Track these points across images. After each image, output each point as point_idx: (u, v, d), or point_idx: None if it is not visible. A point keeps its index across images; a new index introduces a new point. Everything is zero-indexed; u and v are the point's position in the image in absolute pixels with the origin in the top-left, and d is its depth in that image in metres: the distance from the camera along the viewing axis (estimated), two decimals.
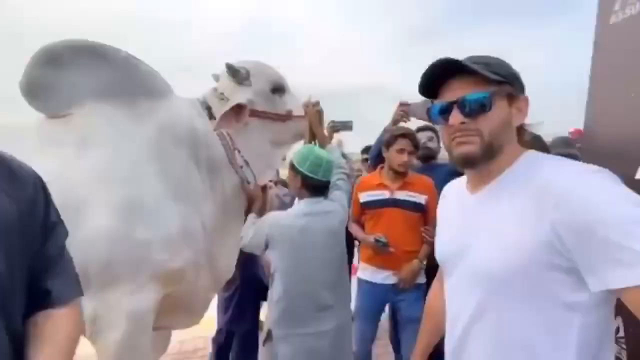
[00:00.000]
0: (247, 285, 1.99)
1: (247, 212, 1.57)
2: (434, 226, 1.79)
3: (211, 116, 1.43)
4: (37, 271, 0.54)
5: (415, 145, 1.71)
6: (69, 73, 1.13)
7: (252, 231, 1.42)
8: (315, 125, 1.61)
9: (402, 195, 1.69)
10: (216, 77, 1.65)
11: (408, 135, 1.69)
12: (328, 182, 1.42)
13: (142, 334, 1.23)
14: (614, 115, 1.05)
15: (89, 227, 1.09)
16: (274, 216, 1.43)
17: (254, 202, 1.58)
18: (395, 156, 1.67)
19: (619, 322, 1.01)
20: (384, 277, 1.70)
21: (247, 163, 1.48)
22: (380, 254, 1.67)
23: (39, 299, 0.54)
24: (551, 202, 0.56)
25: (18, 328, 0.50)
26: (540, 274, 0.59)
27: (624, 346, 0.99)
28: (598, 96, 1.12)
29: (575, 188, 0.55)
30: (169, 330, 1.69)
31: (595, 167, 0.58)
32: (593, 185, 0.55)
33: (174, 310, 1.43)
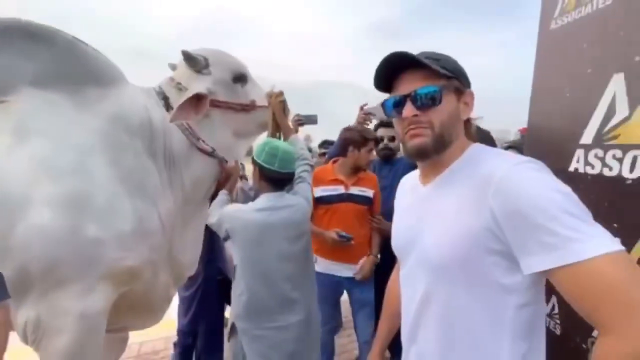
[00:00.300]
0: (210, 281, 1.93)
1: (219, 188, 1.55)
2: (380, 214, 1.85)
3: (168, 107, 1.35)
4: None
5: (377, 144, 1.93)
6: (2, 56, 1.01)
7: (217, 216, 1.39)
8: (279, 116, 1.59)
9: (355, 190, 1.82)
10: (173, 66, 1.56)
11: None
12: (287, 174, 1.39)
13: (92, 338, 1.15)
14: (551, 113, 1.15)
15: (29, 226, 0.99)
16: (234, 209, 1.39)
17: (229, 178, 1.57)
18: (366, 156, 1.80)
19: (554, 300, 1.12)
20: (340, 269, 1.84)
21: (214, 150, 1.43)
22: (337, 248, 1.77)
23: None
24: (491, 190, 0.60)
25: None
26: (480, 259, 0.63)
27: (558, 322, 1.10)
28: (539, 95, 1.22)
29: (510, 177, 0.60)
30: (127, 332, 1.60)
31: (529, 159, 0.63)
32: (525, 175, 0.59)
33: (132, 310, 1.35)
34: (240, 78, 1.52)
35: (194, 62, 1.38)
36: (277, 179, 1.37)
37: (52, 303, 1.07)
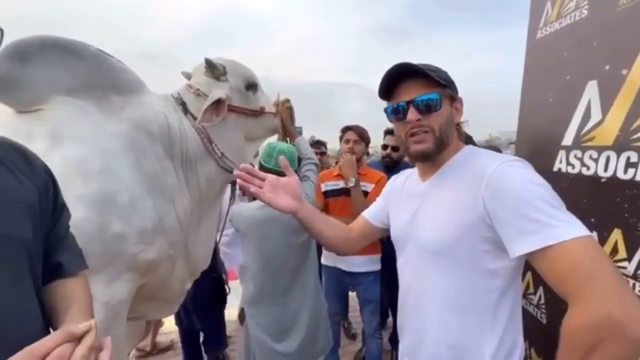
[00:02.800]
0: (204, 279, 2.04)
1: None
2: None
3: (186, 111, 1.47)
4: (49, 247, 0.60)
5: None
6: (38, 68, 1.13)
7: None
8: (286, 121, 1.74)
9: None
10: (187, 75, 1.68)
11: (352, 127, 2.00)
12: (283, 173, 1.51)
13: (116, 324, 1.26)
14: (537, 117, 1.23)
15: None
16: (240, 207, 1.53)
17: None
18: (343, 146, 1.98)
19: (541, 291, 1.20)
20: (342, 262, 1.95)
21: (223, 155, 1.54)
22: None
23: (52, 271, 0.60)
24: (484, 182, 0.69)
25: (41, 293, 0.57)
26: (474, 246, 0.70)
27: (544, 311, 1.18)
28: (527, 100, 1.30)
29: (500, 172, 0.68)
30: (144, 320, 1.72)
31: (516, 158, 0.72)
32: (512, 171, 0.68)
33: (150, 300, 1.47)
34: (252, 86, 1.64)
35: (214, 69, 1.49)
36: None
37: None
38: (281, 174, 1.52)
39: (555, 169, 1.13)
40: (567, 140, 1.08)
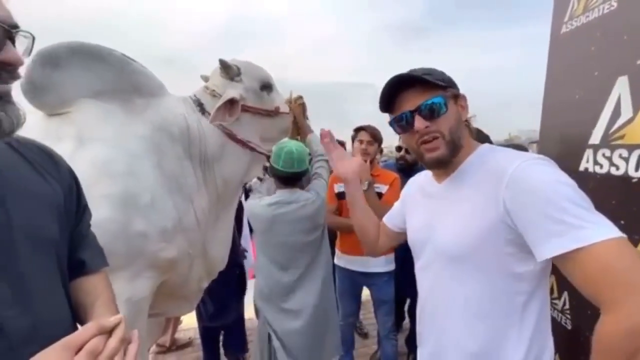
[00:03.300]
0: (229, 274, 2.06)
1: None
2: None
3: (204, 112, 1.50)
4: (72, 246, 0.63)
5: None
6: (67, 73, 1.18)
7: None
8: (299, 118, 1.75)
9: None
10: (205, 78, 1.72)
11: (365, 128, 1.96)
12: (291, 173, 1.51)
13: (138, 320, 1.30)
14: (562, 114, 1.19)
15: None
16: (251, 203, 1.57)
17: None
18: (357, 147, 1.94)
19: (565, 296, 1.15)
20: (356, 263, 1.94)
21: (249, 142, 1.58)
22: (355, 243, 1.86)
23: (75, 268, 0.63)
24: (504, 183, 0.66)
25: (68, 289, 0.59)
26: (496, 249, 0.68)
27: (569, 316, 1.13)
28: (551, 97, 1.25)
29: (521, 171, 0.65)
30: (163, 317, 1.77)
31: (538, 156, 0.69)
32: (535, 169, 0.65)
33: (170, 297, 1.50)
34: (267, 86, 1.66)
35: (229, 70, 1.53)
36: (280, 176, 1.52)
37: None
38: (288, 174, 1.54)
39: (581, 168, 1.09)
40: (595, 138, 1.03)
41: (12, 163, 0.55)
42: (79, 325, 0.59)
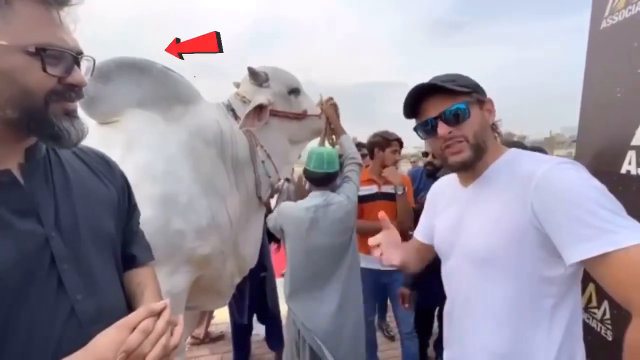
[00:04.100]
0: (255, 276, 2.11)
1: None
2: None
3: (235, 117, 1.59)
4: (125, 241, 0.71)
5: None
6: (116, 86, 1.31)
7: (273, 220, 1.63)
8: (332, 118, 1.80)
9: (386, 188, 1.99)
10: (237, 84, 1.81)
11: (398, 139, 2.07)
12: (322, 174, 1.55)
13: (176, 312, 1.40)
14: (602, 113, 1.13)
15: None
16: (287, 206, 1.62)
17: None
18: (390, 156, 1.99)
19: (605, 305, 1.09)
20: (373, 261, 1.97)
21: (269, 156, 1.65)
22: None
23: (127, 262, 0.71)
24: (532, 186, 0.66)
25: (122, 280, 0.68)
26: (524, 253, 0.68)
27: (609, 326, 1.07)
28: (590, 95, 1.19)
29: (549, 175, 0.65)
30: (198, 310, 1.88)
31: (566, 159, 0.68)
32: (564, 174, 0.64)
33: (204, 292, 1.60)
34: (294, 90, 1.71)
35: (257, 77, 1.60)
36: (311, 177, 1.57)
37: None
38: (318, 175, 1.59)
39: (623, 170, 1.02)
40: (638, 139, 0.97)
41: (77, 168, 0.63)
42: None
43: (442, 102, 0.75)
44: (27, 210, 0.52)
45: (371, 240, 0.94)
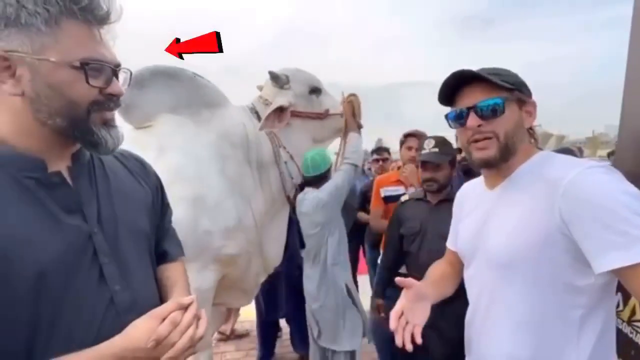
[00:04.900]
0: (291, 276, 2.13)
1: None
2: None
3: (259, 120, 1.63)
4: (158, 238, 0.76)
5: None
6: (150, 92, 1.40)
7: None
8: (346, 115, 1.76)
9: (413, 189, 1.90)
10: (260, 88, 1.86)
11: (414, 134, 1.94)
12: (311, 177, 1.65)
13: (204, 307, 1.46)
14: None
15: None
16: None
17: None
18: (405, 153, 1.94)
19: (636, 305, 1.01)
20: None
21: (292, 157, 1.68)
22: None
23: (159, 257, 0.76)
24: (560, 191, 0.62)
25: (155, 273, 0.73)
26: (550, 259, 0.65)
27: (639, 329, 0.99)
28: (633, 90, 1.11)
29: (579, 180, 0.61)
30: (225, 307, 1.94)
31: (597, 163, 0.64)
32: (595, 178, 0.61)
33: (230, 290, 1.66)
34: (315, 90, 1.73)
35: (278, 80, 1.64)
36: (307, 181, 1.68)
37: None
38: (307, 178, 1.67)
39: None
40: None
41: (117, 171, 0.69)
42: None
43: (480, 93, 0.72)
44: (74, 208, 0.57)
45: (393, 315, 0.78)
